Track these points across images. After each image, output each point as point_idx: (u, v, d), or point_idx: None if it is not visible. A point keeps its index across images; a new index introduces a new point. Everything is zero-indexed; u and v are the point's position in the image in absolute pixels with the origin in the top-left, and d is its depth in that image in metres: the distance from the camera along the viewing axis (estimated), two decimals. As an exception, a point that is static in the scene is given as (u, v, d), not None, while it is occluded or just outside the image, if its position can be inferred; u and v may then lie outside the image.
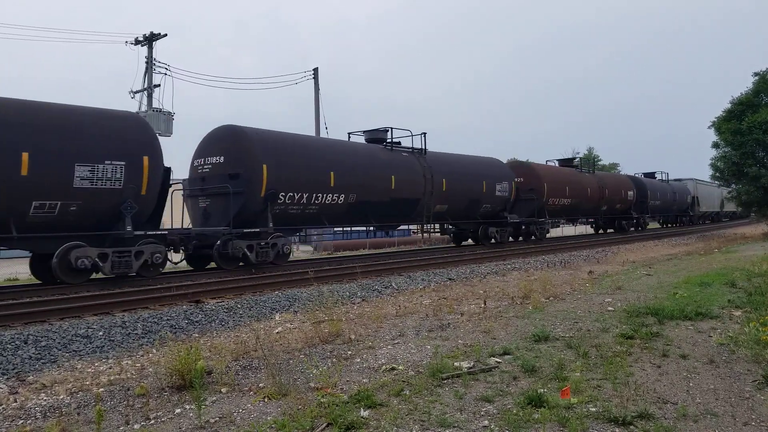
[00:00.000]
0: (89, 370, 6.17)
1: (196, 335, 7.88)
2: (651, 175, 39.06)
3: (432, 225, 19.71)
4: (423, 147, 18.64)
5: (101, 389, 5.21)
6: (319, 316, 7.69)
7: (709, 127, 29.58)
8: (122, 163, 10.79)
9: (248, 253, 12.95)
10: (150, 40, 26.61)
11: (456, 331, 7.09)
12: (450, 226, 21.32)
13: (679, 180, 43.78)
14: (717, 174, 30.44)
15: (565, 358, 5.49)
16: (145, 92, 26.42)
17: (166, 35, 26.58)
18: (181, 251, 12.60)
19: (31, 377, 5.96)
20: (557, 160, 29.96)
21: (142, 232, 11.27)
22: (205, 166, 13.84)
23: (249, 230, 13.20)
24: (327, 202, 14.77)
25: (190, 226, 13.93)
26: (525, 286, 10.02)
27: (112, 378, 5.70)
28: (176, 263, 13.02)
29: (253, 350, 6.35)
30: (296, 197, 13.96)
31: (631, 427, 3.78)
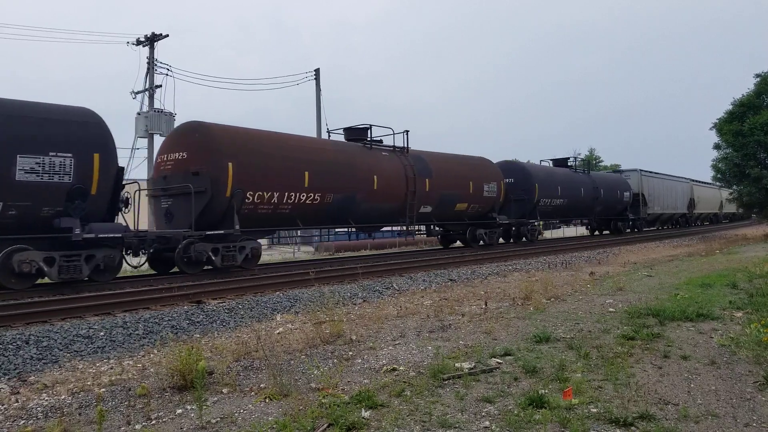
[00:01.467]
0: (90, 370, 6.18)
1: (198, 336, 7.88)
2: (563, 163, 28.38)
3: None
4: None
5: (102, 389, 5.21)
6: (321, 316, 7.70)
7: (710, 129, 29.58)
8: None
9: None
10: (151, 40, 26.64)
11: (457, 332, 7.10)
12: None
13: (620, 171, 34.93)
14: (718, 175, 30.41)
15: (566, 359, 5.48)
16: (147, 93, 26.46)
17: (167, 36, 26.65)
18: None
19: (33, 377, 5.96)
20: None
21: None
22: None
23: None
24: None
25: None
26: (526, 287, 10.02)
27: (113, 378, 5.70)
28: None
29: (254, 351, 6.35)
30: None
31: (632, 428, 3.78)
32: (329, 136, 18.12)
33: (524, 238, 23.57)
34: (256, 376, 5.43)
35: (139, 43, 26.87)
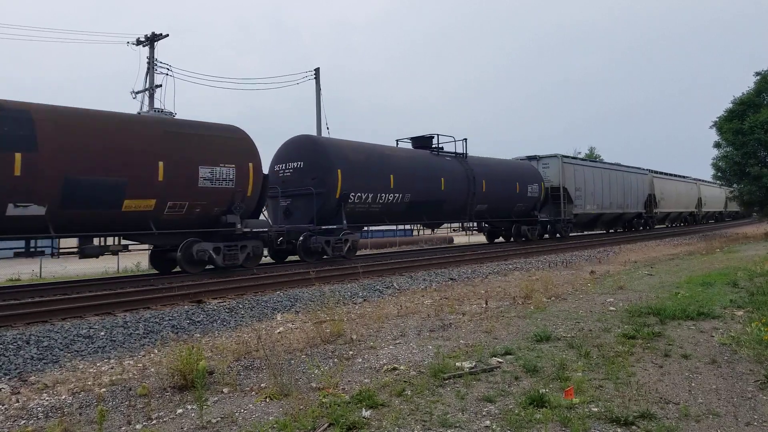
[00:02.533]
0: (91, 370, 6.18)
1: (198, 335, 7.88)
2: (424, 143, 20.33)
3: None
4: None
5: (103, 389, 5.22)
6: (321, 316, 7.69)
7: (710, 127, 29.55)
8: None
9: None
10: (151, 40, 26.62)
11: (458, 331, 7.09)
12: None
13: (534, 157, 26.08)
14: (719, 174, 30.37)
15: (567, 358, 5.48)
16: (147, 92, 26.44)
17: (167, 36, 26.60)
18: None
19: (33, 377, 5.96)
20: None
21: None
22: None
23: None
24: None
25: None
26: (526, 286, 10.01)
27: (113, 378, 5.70)
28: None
29: (254, 350, 6.35)
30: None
31: (633, 427, 3.77)
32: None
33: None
34: (256, 376, 5.43)
35: (139, 43, 26.84)
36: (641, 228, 33.97)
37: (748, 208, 34.05)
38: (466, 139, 20.70)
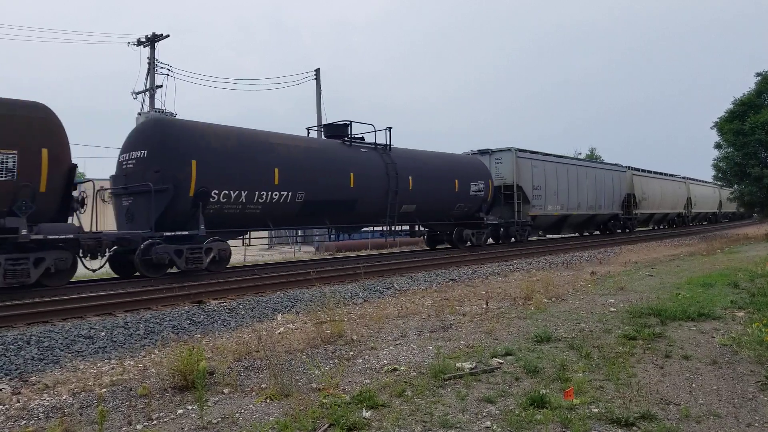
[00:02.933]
0: (92, 370, 6.18)
1: (198, 336, 7.89)
2: (338, 132, 17.02)
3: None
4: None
5: (104, 390, 5.22)
6: (321, 316, 7.69)
7: (711, 128, 29.58)
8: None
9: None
10: (152, 41, 26.66)
11: (458, 331, 7.09)
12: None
13: (486, 151, 23.00)
14: (720, 175, 30.38)
15: (568, 359, 5.48)
16: (147, 93, 26.47)
17: (168, 36, 26.65)
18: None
19: (34, 378, 5.97)
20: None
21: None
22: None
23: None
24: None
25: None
26: (527, 287, 10.01)
27: (114, 378, 5.70)
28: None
29: (255, 351, 6.36)
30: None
31: (634, 427, 3.77)
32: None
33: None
34: (257, 376, 5.43)
35: (139, 43, 26.89)
36: (619, 231, 30.96)
37: (749, 209, 34.01)
38: (390, 128, 17.16)
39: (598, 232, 31.15)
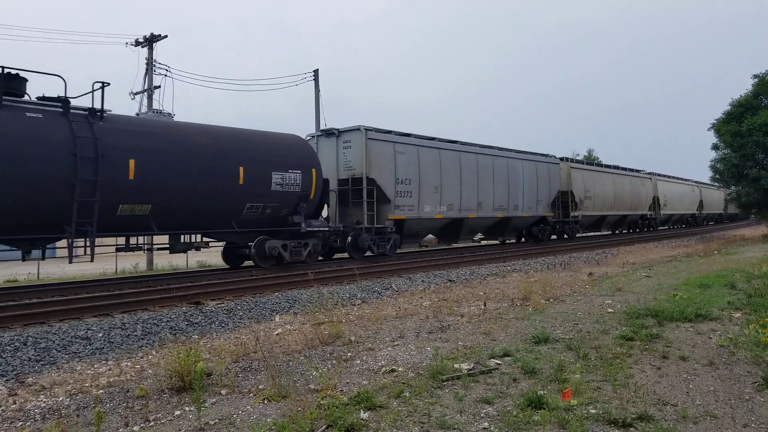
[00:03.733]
0: (89, 371, 6.17)
1: (196, 337, 7.87)
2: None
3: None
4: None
5: (101, 391, 5.20)
6: (319, 317, 7.69)
7: (708, 129, 29.67)
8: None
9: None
10: (150, 41, 26.61)
11: (456, 332, 7.09)
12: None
13: (333, 132, 17.16)
14: (717, 176, 30.47)
15: (565, 360, 5.48)
16: (146, 94, 26.42)
17: (166, 37, 26.59)
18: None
19: (31, 379, 5.95)
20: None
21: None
22: None
23: None
24: None
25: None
26: (525, 288, 10.02)
27: (111, 380, 5.69)
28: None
29: (252, 352, 6.35)
30: None
31: (631, 428, 3.78)
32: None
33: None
34: (254, 378, 5.42)
35: (138, 44, 26.82)
36: (554, 238, 26.21)
37: (747, 210, 34.06)
38: (105, 84, 10.93)
39: (513, 240, 25.30)
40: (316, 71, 30.79)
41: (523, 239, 25.46)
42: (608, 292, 10.19)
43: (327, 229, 15.33)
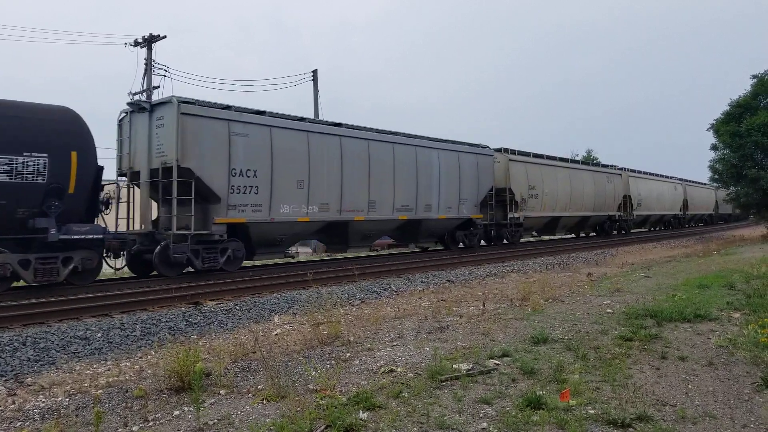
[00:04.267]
0: (88, 372, 6.17)
1: (195, 337, 7.87)
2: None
3: None
4: None
5: (100, 391, 5.20)
6: (318, 318, 7.69)
7: (707, 130, 29.70)
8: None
9: None
10: (149, 41, 26.63)
11: (455, 333, 7.09)
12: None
13: (141, 105, 12.90)
14: (716, 176, 30.50)
15: (564, 360, 5.48)
16: (144, 94, 26.43)
17: (165, 37, 26.61)
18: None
19: (30, 379, 5.95)
20: None
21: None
22: None
23: None
24: None
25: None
26: (524, 288, 10.03)
27: (110, 380, 5.69)
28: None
29: (251, 352, 6.34)
30: None
31: (630, 429, 3.78)
32: None
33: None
34: (253, 378, 5.42)
35: (137, 44, 26.86)
36: (483, 244, 21.72)
37: (745, 211, 34.08)
38: None
39: (442, 247, 20.66)
40: (314, 71, 30.83)
41: (454, 245, 20.32)
42: (607, 293, 10.19)
43: (100, 236, 10.67)
